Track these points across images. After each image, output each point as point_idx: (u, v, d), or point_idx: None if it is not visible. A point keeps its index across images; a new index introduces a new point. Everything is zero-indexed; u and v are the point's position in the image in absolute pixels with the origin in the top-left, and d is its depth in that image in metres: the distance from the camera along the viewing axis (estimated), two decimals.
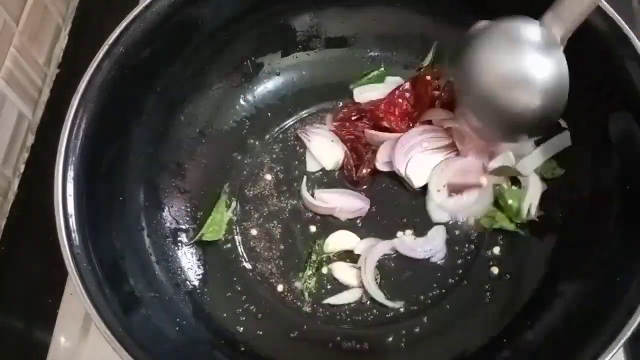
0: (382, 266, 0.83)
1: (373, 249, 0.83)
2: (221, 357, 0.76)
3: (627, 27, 0.72)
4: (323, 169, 0.90)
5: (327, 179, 0.90)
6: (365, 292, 0.81)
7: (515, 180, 0.85)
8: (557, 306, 0.74)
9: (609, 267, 0.71)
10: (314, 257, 0.84)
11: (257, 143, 0.92)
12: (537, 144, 0.85)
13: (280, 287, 0.83)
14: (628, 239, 0.71)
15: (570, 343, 0.67)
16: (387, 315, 0.80)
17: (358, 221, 0.86)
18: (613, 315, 0.64)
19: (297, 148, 0.92)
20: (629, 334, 0.61)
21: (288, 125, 0.94)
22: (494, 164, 0.85)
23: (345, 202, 0.86)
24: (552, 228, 0.82)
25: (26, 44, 0.96)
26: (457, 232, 0.85)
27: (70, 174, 0.68)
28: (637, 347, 0.77)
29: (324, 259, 0.84)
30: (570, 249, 0.78)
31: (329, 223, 0.86)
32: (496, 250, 0.83)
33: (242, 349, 0.78)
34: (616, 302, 0.65)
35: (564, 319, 0.72)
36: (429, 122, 0.88)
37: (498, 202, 0.84)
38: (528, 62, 0.66)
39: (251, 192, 0.89)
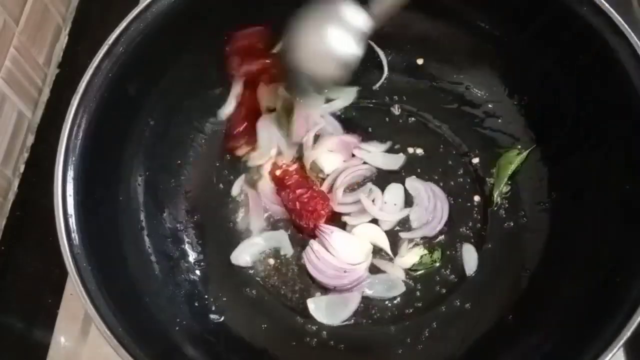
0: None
1: None
2: (221, 357, 0.77)
3: (627, 28, 0.72)
4: None
5: None
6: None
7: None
8: (556, 306, 0.74)
9: (608, 268, 0.71)
10: None
11: None
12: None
13: (283, 289, 0.83)
14: (628, 239, 0.71)
15: (571, 343, 0.67)
16: (386, 316, 0.81)
17: None
18: (613, 315, 0.64)
19: None
20: (629, 334, 0.61)
21: None
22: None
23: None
24: (548, 229, 0.82)
25: (26, 44, 0.96)
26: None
27: (70, 174, 0.68)
28: (637, 347, 0.77)
29: None
30: (569, 249, 0.78)
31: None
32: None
33: (242, 348, 0.78)
34: (616, 302, 0.65)
35: (564, 319, 0.72)
36: None
37: None
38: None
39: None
